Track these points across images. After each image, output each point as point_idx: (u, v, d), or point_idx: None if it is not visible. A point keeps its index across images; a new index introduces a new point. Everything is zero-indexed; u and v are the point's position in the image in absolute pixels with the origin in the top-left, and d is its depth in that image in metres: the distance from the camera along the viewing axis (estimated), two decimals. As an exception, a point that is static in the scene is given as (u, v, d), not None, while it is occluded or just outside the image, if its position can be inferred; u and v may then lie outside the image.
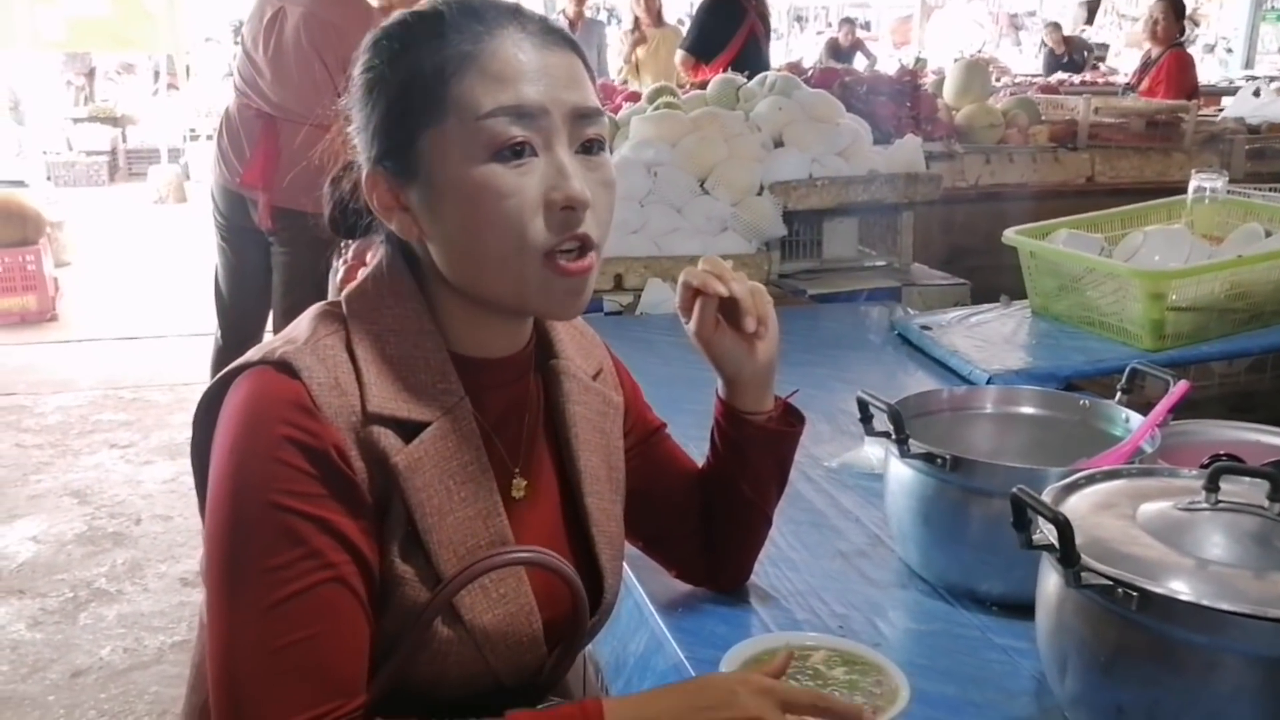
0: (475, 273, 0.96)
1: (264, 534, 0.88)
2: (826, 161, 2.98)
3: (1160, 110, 4.66)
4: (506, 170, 0.92)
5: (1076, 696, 1.00)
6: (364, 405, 0.93)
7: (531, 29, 0.95)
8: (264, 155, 3.20)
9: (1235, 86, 7.85)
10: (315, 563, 0.88)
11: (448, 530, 0.95)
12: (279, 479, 0.89)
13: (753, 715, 0.88)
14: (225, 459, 0.91)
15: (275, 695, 0.86)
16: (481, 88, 0.92)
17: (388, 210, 0.98)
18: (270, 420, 0.90)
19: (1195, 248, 2.23)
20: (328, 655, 0.89)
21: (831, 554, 1.40)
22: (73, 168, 10.30)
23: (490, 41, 0.93)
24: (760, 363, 1.14)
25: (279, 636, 0.87)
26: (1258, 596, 0.90)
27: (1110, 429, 1.40)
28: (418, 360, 0.97)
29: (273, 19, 3.19)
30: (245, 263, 3.43)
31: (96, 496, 3.79)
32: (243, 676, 0.87)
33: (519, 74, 0.92)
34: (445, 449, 0.96)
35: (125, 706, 2.63)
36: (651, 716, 0.90)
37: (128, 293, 6.53)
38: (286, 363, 0.92)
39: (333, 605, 0.89)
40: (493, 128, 0.91)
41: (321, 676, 0.88)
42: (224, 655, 0.88)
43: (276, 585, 0.87)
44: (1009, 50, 15.31)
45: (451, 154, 0.93)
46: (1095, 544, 0.98)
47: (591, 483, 1.09)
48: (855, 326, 2.58)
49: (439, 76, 0.92)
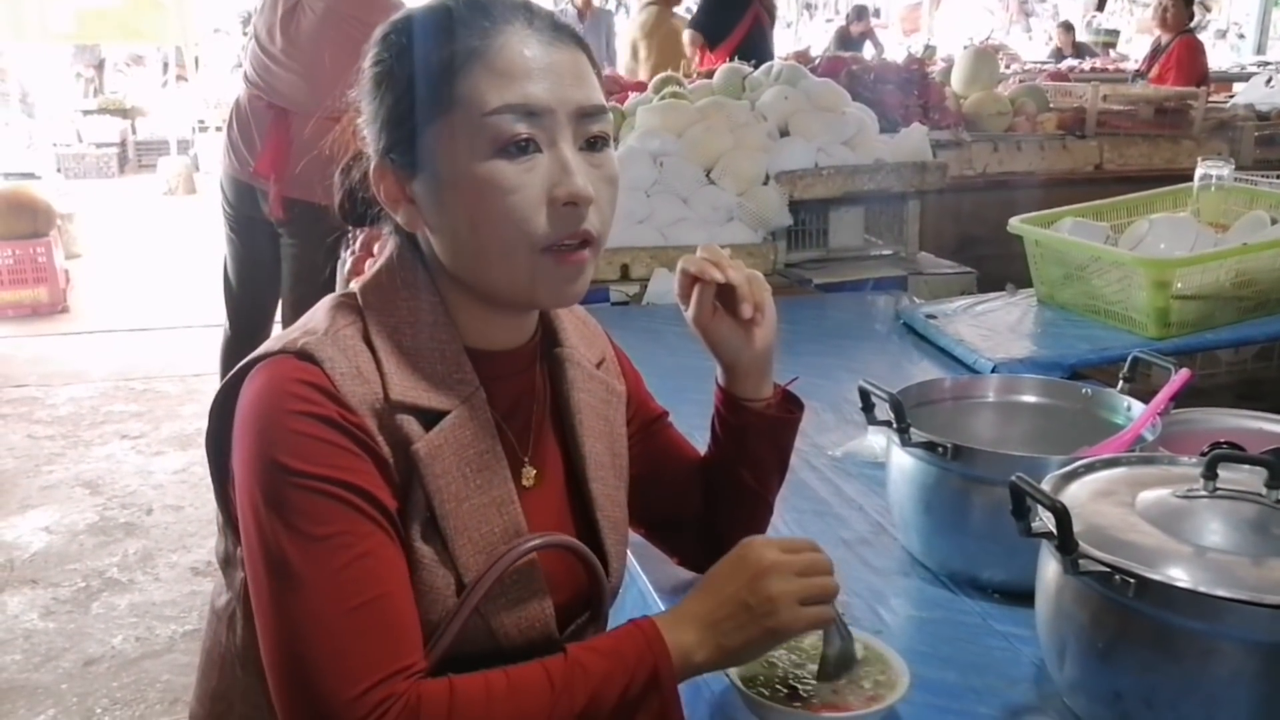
0: (477, 265, 0.97)
1: (310, 505, 0.89)
2: (832, 151, 2.97)
3: (1169, 97, 4.64)
4: (511, 166, 0.93)
5: (1075, 683, 1.01)
6: (386, 393, 0.95)
7: (539, 25, 0.96)
8: (275, 146, 3.20)
9: (1247, 72, 7.81)
10: (369, 526, 0.90)
11: (464, 517, 0.97)
12: (313, 452, 0.90)
13: (767, 561, 0.98)
14: (252, 443, 0.91)
15: (355, 655, 0.87)
16: (488, 84, 0.93)
17: (394, 202, 0.99)
18: (294, 399, 0.91)
19: (1201, 236, 2.23)
20: (395, 614, 0.90)
21: (834, 542, 1.41)
22: (82, 160, 10.34)
23: (497, 38, 0.94)
24: (758, 349, 1.15)
25: (351, 598, 0.88)
26: (1255, 583, 0.90)
27: (1112, 417, 1.40)
28: (433, 351, 0.99)
29: (290, 11, 3.18)
30: (254, 254, 3.44)
31: (108, 487, 3.82)
32: (315, 647, 0.87)
33: (525, 71, 0.93)
34: (463, 437, 0.98)
35: (137, 694, 2.65)
36: (690, 610, 0.98)
37: (138, 284, 6.56)
38: (308, 352, 0.93)
39: (391, 566, 0.91)
40: (498, 124, 0.92)
41: (396, 634, 0.90)
42: (287, 633, 0.88)
43: (335, 552, 0.88)
44: (1019, 37, 15.24)
45: (457, 149, 0.94)
46: (1094, 531, 0.99)
47: (596, 469, 1.10)
48: (861, 316, 2.58)
49: (446, 71, 0.93)
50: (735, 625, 0.97)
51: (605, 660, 0.94)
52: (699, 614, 0.98)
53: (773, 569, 0.97)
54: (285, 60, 3.20)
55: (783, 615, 0.97)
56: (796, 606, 0.97)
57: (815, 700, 1.02)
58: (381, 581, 0.90)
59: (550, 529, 1.02)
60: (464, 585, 0.96)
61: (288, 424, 0.90)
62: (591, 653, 0.94)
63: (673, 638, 0.95)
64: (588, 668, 0.93)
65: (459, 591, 0.96)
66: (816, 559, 1.00)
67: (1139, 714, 0.95)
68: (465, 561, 0.96)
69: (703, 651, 0.96)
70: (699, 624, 0.97)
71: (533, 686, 0.91)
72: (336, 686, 0.86)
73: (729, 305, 1.12)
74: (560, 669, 0.92)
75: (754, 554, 0.99)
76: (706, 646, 0.96)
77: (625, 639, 0.96)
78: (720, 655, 0.97)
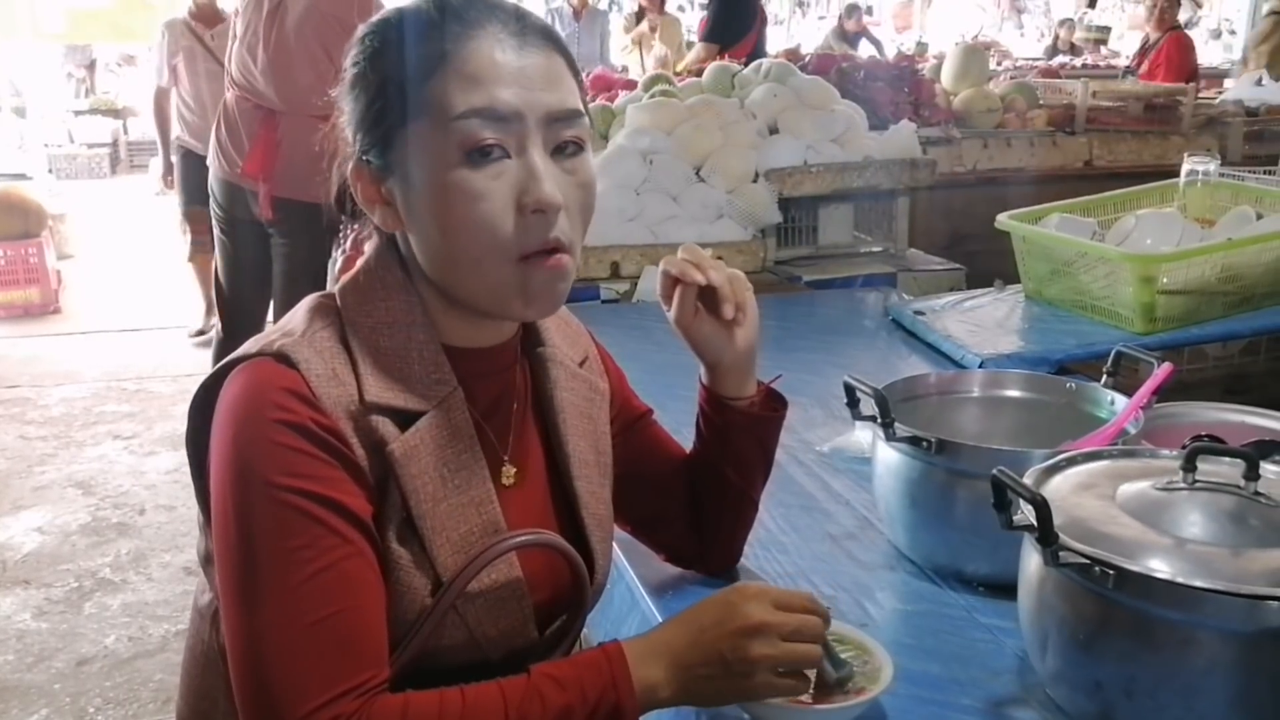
0: (451, 272, 0.97)
1: (278, 517, 0.89)
2: (822, 148, 2.98)
3: (1158, 94, 4.66)
4: (477, 174, 0.92)
5: (1057, 673, 1.02)
6: (361, 395, 0.95)
7: (512, 28, 0.95)
8: (263, 146, 3.20)
9: (1238, 68, 7.83)
10: (333, 540, 0.90)
11: (441, 517, 0.97)
12: (286, 462, 0.90)
13: (754, 620, 0.95)
14: (227, 449, 0.92)
15: (308, 672, 0.87)
16: (455, 88, 0.92)
17: (370, 203, 1.00)
18: (271, 407, 0.91)
19: (1187, 231, 2.24)
20: (356, 629, 0.90)
21: (821, 537, 1.42)
22: (74, 160, 10.32)
23: (468, 42, 0.93)
24: (740, 349, 1.15)
25: (307, 614, 0.88)
26: (1232, 574, 0.91)
27: (1096, 411, 1.41)
28: (411, 352, 0.99)
29: (273, 12, 3.19)
30: (245, 255, 3.45)
31: (100, 487, 3.82)
32: (271, 659, 0.87)
33: (494, 76, 0.93)
34: (439, 438, 0.98)
35: (130, 694, 2.66)
36: (665, 643, 0.96)
37: (130, 285, 6.55)
38: (284, 354, 0.94)
39: (356, 579, 0.91)
40: (464, 129, 0.92)
41: (352, 650, 0.89)
42: (247, 642, 0.89)
43: (299, 565, 0.88)
44: (1011, 34, 15.26)
45: (426, 153, 0.94)
46: (1075, 524, 0.99)
47: (580, 466, 1.11)
48: (850, 312, 2.59)
49: (416, 75, 0.93)
50: (707, 675, 0.95)
51: (565, 693, 0.92)
52: (673, 652, 0.96)
53: (759, 629, 0.95)
54: (270, 61, 3.20)
55: (757, 679, 0.95)
56: (773, 675, 0.96)
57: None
58: (343, 596, 0.90)
59: (532, 527, 1.03)
60: (441, 585, 0.96)
61: (262, 432, 0.90)
62: (552, 683, 0.93)
63: (640, 673, 0.94)
64: (546, 698, 0.91)
65: (436, 592, 0.96)
66: (806, 623, 0.97)
67: (1119, 703, 0.96)
68: (444, 561, 0.96)
69: (668, 690, 0.95)
70: (671, 663, 0.95)
71: (486, 712, 0.91)
72: (288, 701, 0.87)
73: (711, 306, 1.13)
74: (518, 696, 0.91)
75: (744, 607, 0.96)
76: (672, 686, 0.95)
77: (589, 669, 0.94)
78: (685, 698, 0.97)
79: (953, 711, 1.05)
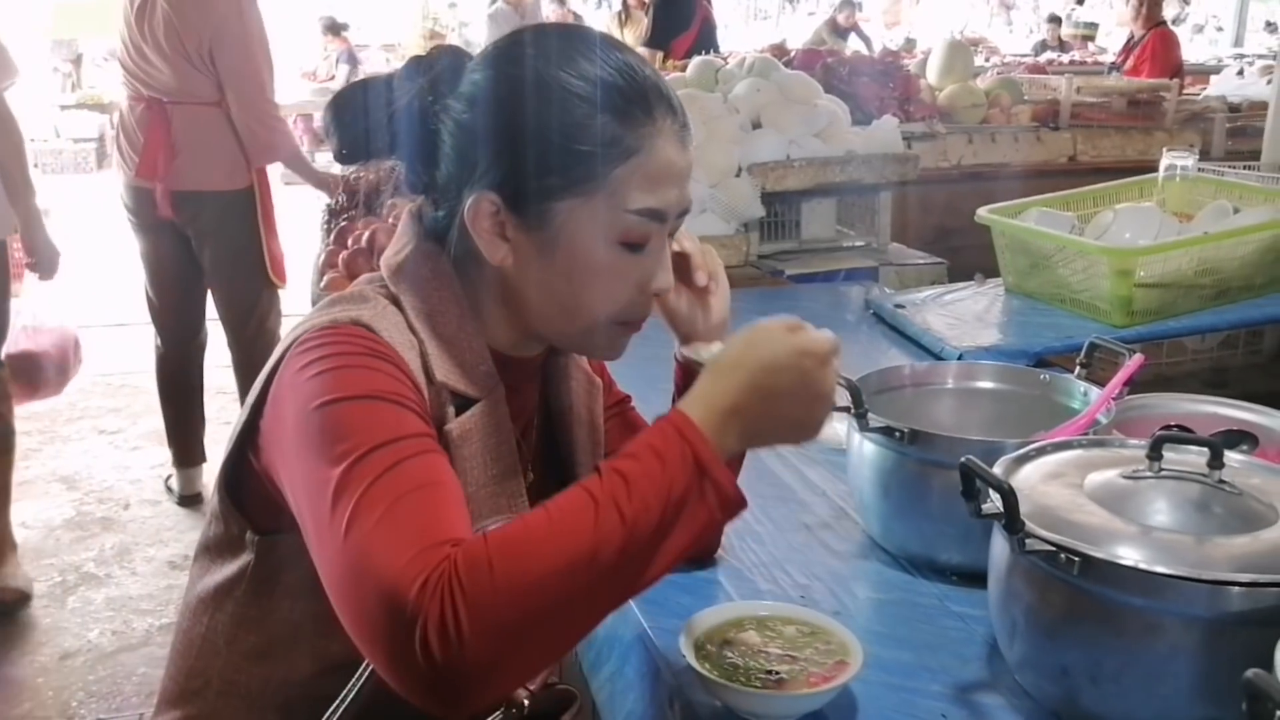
0: (555, 316, 1.03)
1: (369, 419, 0.89)
2: (804, 143, 2.99)
3: (1142, 89, 4.68)
4: (627, 259, 1.00)
5: (1024, 659, 1.03)
6: (429, 372, 0.99)
7: (678, 121, 1.00)
8: (153, 143, 3.26)
9: (1224, 65, 7.86)
10: (421, 439, 0.91)
11: (480, 503, 1.01)
12: (373, 381, 0.92)
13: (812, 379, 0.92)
14: (315, 380, 0.91)
15: (403, 534, 0.83)
16: (636, 184, 0.98)
17: (485, 233, 1.00)
18: (359, 339, 0.95)
19: (1165, 225, 2.26)
20: (444, 503, 0.87)
21: (796, 527, 1.43)
22: (60, 155, 10.26)
23: (654, 138, 0.98)
24: (714, 319, 1.15)
25: (403, 485, 0.85)
26: (1196, 560, 0.93)
27: (1069, 402, 1.42)
28: (463, 342, 1.03)
29: (142, 7, 3.25)
30: (164, 258, 3.49)
31: (85, 482, 3.82)
32: (370, 535, 0.83)
33: (668, 178, 0.99)
34: (487, 427, 1.02)
35: (113, 688, 2.66)
36: (721, 392, 0.91)
37: (116, 280, 6.52)
38: (364, 323, 0.96)
39: (441, 468, 0.91)
40: (635, 224, 0.99)
41: (444, 515, 0.86)
42: (342, 533, 0.84)
43: (390, 454, 0.87)
44: (1000, 30, 15.31)
45: (585, 228, 0.98)
46: (1042, 512, 1.01)
47: (581, 454, 1.17)
48: (832, 306, 2.60)
49: (604, 159, 0.96)
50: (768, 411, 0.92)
51: (640, 462, 0.86)
52: (731, 399, 0.90)
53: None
54: (150, 55, 3.25)
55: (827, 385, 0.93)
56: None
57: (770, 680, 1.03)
58: (435, 478, 0.88)
59: None
60: None
61: (351, 361, 0.93)
62: (627, 458, 0.87)
63: (707, 424, 0.89)
64: (625, 473, 0.85)
65: None
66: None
67: (1084, 688, 0.97)
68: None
69: (733, 435, 0.90)
70: (730, 407, 0.90)
71: (574, 508, 0.84)
72: (387, 562, 0.81)
73: (684, 276, 1.14)
74: (597, 484, 0.85)
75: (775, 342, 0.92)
76: (738, 424, 0.91)
77: (658, 431, 0.89)
78: (750, 440, 0.93)
79: (922, 698, 1.06)
